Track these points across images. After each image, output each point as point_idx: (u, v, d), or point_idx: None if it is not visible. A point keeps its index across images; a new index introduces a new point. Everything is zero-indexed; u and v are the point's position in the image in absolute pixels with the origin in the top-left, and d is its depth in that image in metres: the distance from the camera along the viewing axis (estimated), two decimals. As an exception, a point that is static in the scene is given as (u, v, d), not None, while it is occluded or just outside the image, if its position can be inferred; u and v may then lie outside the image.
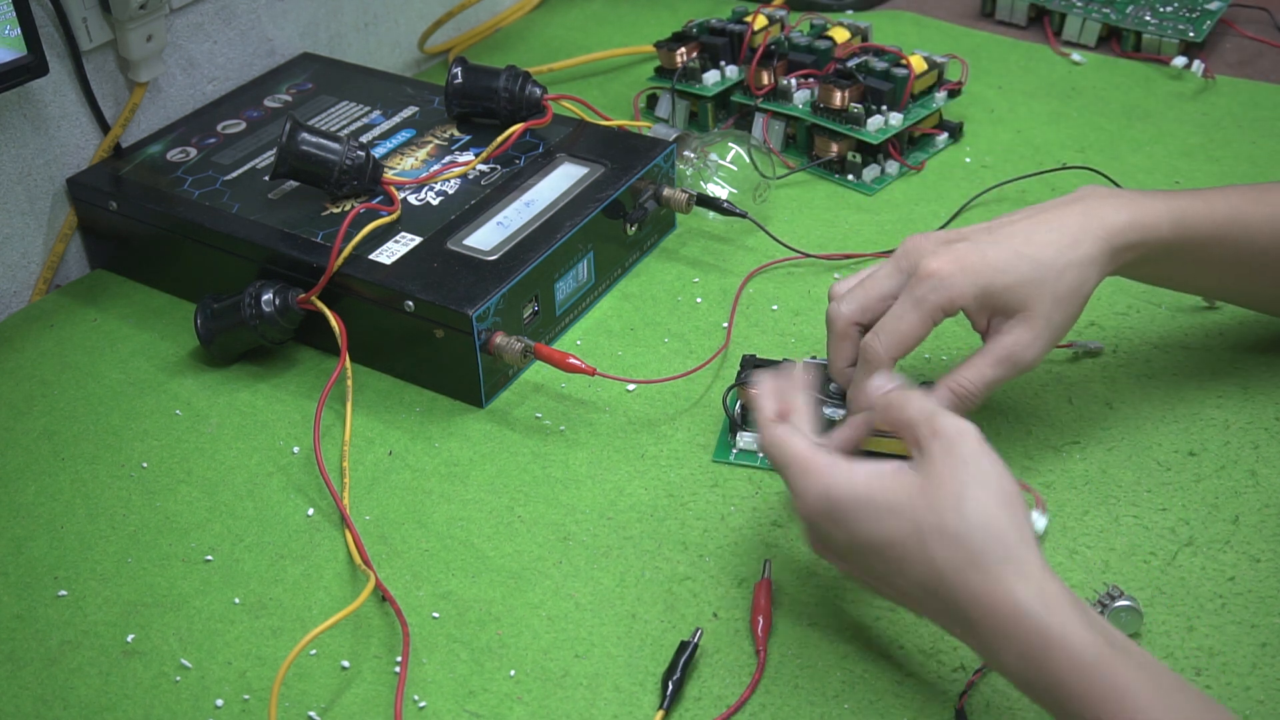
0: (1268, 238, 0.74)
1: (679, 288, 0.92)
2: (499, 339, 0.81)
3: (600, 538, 0.73)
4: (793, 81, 1.04)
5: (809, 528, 0.64)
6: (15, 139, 0.92)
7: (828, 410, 0.74)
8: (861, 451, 0.74)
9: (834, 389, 0.75)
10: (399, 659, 0.66)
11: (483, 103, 0.97)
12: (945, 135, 1.07)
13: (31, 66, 0.86)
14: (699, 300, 0.91)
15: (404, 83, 1.05)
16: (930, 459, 0.59)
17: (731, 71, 1.08)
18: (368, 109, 1.01)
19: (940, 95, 1.06)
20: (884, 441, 0.73)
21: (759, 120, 1.06)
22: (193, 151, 0.97)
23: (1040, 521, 0.71)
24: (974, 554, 0.56)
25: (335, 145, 0.88)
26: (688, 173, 0.99)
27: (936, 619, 0.60)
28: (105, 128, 0.97)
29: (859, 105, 1.00)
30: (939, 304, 0.69)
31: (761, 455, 0.76)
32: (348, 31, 1.16)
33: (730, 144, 1.00)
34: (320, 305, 0.83)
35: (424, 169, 0.94)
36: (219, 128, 1.00)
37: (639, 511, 0.74)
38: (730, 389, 0.81)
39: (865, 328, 0.72)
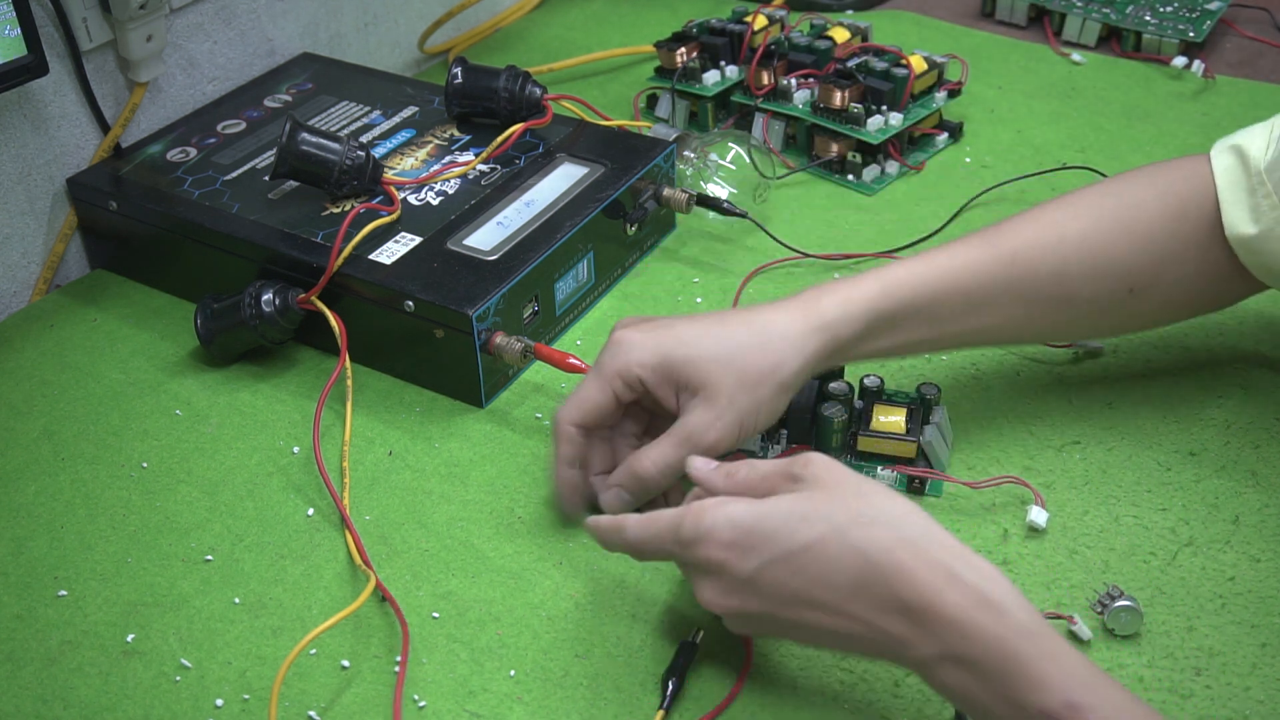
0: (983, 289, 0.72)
1: (679, 288, 0.92)
2: (499, 339, 0.81)
3: (600, 538, 0.73)
4: (793, 81, 1.04)
5: (709, 576, 0.60)
6: (15, 139, 0.92)
7: (828, 411, 0.74)
8: (859, 453, 0.75)
9: (833, 388, 0.75)
10: (399, 659, 0.66)
11: (483, 103, 0.97)
12: (945, 135, 1.06)
13: (31, 66, 0.86)
14: (699, 300, 0.91)
15: (404, 83, 1.05)
16: (815, 476, 0.59)
17: (731, 71, 1.08)
18: (368, 109, 1.01)
19: (940, 95, 1.06)
20: (883, 442, 0.73)
21: (759, 120, 1.06)
22: (193, 151, 0.97)
23: (1040, 520, 0.71)
24: (897, 530, 0.57)
25: (335, 145, 0.88)
26: (688, 173, 0.99)
27: (867, 627, 0.57)
28: (105, 128, 0.97)
29: (859, 105, 1.00)
30: (615, 369, 0.69)
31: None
32: (348, 31, 1.16)
33: (730, 144, 1.00)
34: (320, 305, 0.83)
35: (424, 169, 0.94)
36: (219, 128, 1.00)
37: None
38: None
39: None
